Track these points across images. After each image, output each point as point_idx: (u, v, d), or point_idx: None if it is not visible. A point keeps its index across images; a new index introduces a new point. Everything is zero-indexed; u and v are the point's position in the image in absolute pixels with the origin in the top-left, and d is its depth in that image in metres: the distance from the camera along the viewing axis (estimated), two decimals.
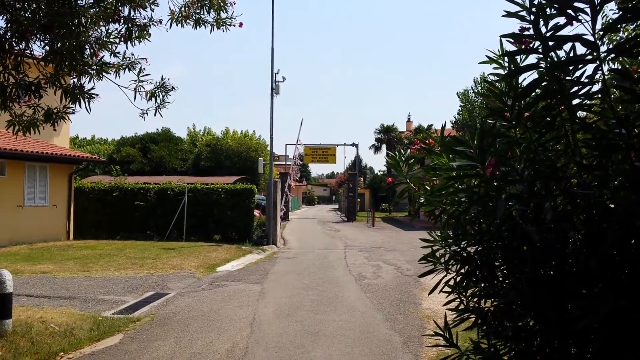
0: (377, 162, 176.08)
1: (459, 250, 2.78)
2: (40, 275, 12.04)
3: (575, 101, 2.29)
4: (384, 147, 53.81)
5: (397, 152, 3.12)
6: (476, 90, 35.47)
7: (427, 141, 2.96)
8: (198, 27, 6.21)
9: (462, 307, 2.85)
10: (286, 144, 54.45)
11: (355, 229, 30.18)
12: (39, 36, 5.44)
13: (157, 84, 5.93)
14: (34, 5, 5.33)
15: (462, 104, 36.64)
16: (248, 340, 7.03)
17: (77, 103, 5.60)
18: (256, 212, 23.01)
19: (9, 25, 5.39)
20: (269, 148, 23.11)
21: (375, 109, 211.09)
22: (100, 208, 21.55)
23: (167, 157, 42.86)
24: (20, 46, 5.57)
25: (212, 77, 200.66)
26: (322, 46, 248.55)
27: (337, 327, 7.82)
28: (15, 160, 17.41)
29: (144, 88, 5.88)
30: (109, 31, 5.67)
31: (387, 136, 53.27)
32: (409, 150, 3.30)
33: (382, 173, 63.08)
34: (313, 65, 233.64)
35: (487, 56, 2.79)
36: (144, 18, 5.83)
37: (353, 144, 43.24)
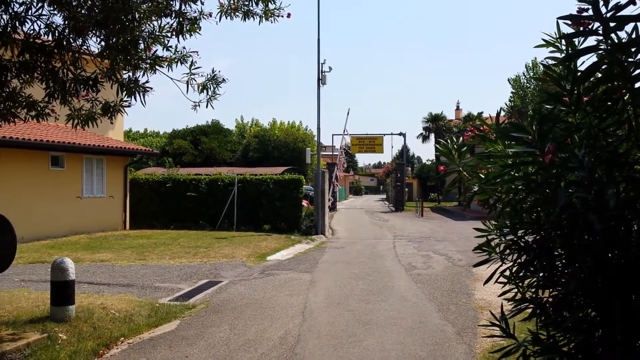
0: (425, 152, 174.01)
1: (515, 239, 2.72)
2: (99, 263, 12.55)
3: (638, 84, 2.19)
4: (432, 136, 53.02)
5: (448, 140, 3.07)
6: (528, 76, 34.38)
7: (481, 128, 2.89)
8: (247, 19, 6.28)
9: (518, 297, 2.79)
10: (333, 134, 54.59)
11: (404, 219, 29.96)
12: (95, 32, 5.64)
13: (208, 76, 6.05)
14: (90, 2, 5.52)
15: (513, 91, 35.61)
16: (300, 328, 7.13)
17: (133, 96, 5.78)
18: (304, 203, 23.17)
19: (66, 22, 5.61)
20: (316, 138, 23.22)
21: (423, 98, 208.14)
22: (154, 199, 22.22)
23: (217, 148, 43.72)
24: (78, 42, 5.78)
25: (259, 68, 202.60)
26: (368, 35, 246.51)
27: (388, 316, 7.80)
28: (73, 153, 18.16)
29: (195, 81, 6.00)
30: (161, 26, 5.81)
31: (435, 125, 52.43)
32: (461, 138, 3.25)
33: (430, 162, 62.26)
34: (359, 54, 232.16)
35: (543, 39, 2.70)
36: (195, 12, 5.94)
37: (400, 134, 42.80)
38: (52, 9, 5.47)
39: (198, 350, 6.23)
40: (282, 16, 6.34)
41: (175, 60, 6.04)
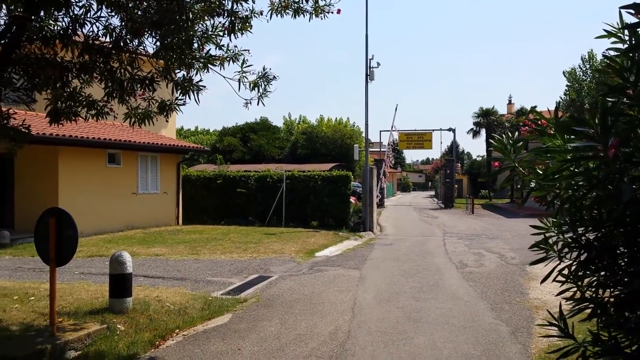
0: (475, 147, 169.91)
1: (575, 237, 2.64)
2: (154, 257, 12.95)
3: None
4: (482, 131, 51.77)
5: (503, 135, 3.00)
6: (584, 69, 33.12)
7: (539, 122, 2.81)
8: (297, 16, 6.32)
9: (577, 296, 2.71)
10: (380, 131, 54.08)
11: (454, 216, 29.48)
12: (150, 32, 5.81)
13: (260, 74, 6.13)
14: (146, 3, 5.69)
15: (568, 84, 34.40)
16: (350, 324, 7.14)
17: (187, 95, 5.94)
18: (352, 199, 23.16)
19: (123, 23, 5.81)
20: (363, 135, 23.12)
21: (473, 92, 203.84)
22: (205, 195, 22.73)
23: (265, 145, 44.23)
24: (134, 43, 5.98)
25: (306, 65, 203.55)
26: (417, 29, 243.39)
27: (439, 314, 7.72)
28: (129, 150, 18.79)
29: (247, 79, 6.10)
30: (214, 25, 5.93)
31: (486, 120, 51.18)
32: (516, 132, 3.17)
33: (480, 158, 60.97)
34: (407, 49, 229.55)
35: (604, 30, 2.60)
36: (246, 10, 6.03)
37: (450, 129, 42.06)
38: (109, 10, 5.67)
39: (250, 343, 6.34)
40: (332, 12, 6.35)
41: (227, 58, 6.15)
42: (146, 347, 6.13)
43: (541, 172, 2.77)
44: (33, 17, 5.32)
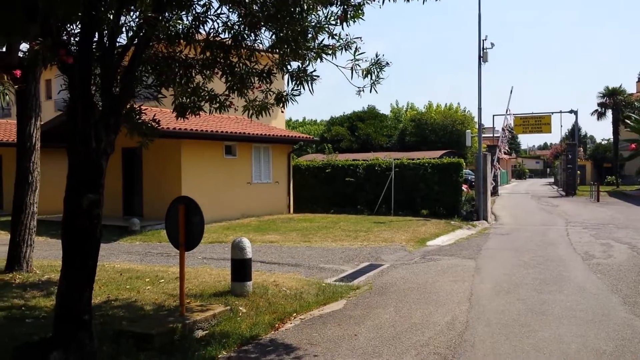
0: (600, 131, 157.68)
1: None
2: (268, 244, 13.46)
3: None
4: (608, 112, 47.65)
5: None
6: None
7: None
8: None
9: None
10: (493, 115, 51.66)
11: (577, 204, 27.57)
12: (267, 26, 5.97)
13: (372, 61, 6.07)
14: None
15: None
16: (468, 315, 6.93)
17: (302, 85, 6.04)
18: (464, 187, 22.45)
19: (241, 18, 6.02)
20: (475, 119, 22.31)
21: (596, 71, 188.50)
22: (315, 184, 23.18)
23: (373, 134, 44.20)
24: (251, 37, 6.19)
25: (413, 50, 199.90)
26: (532, 4, 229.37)
27: (565, 307, 7.25)
28: (244, 142, 19.62)
29: (359, 66, 6.06)
30: (327, 14, 5.96)
31: (612, 100, 47.04)
32: None
33: (606, 142, 56.36)
34: (523, 27, 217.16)
35: None
36: None
37: (571, 111, 39.19)
38: (229, 7, 5.90)
39: (366, 329, 6.38)
40: None
41: (340, 47, 6.14)
42: (267, 329, 6.39)
43: None
44: (159, 17, 5.68)
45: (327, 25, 5.91)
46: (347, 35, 6.12)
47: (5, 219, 15.20)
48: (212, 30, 6.10)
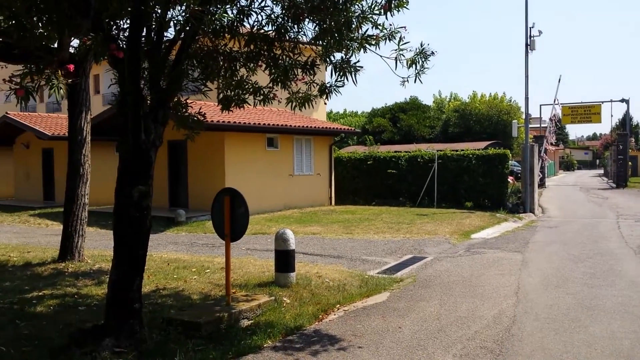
0: None
1: None
2: (310, 235, 13.52)
3: None
4: None
5: None
6: None
7: None
8: None
9: None
10: (540, 105, 50.04)
11: (628, 197, 26.56)
12: (311, 17, 5.96)
13: (417, 50, 5.98)
14: None
15: None
16: (515, 309, 6.78)
17: (345, 76, 6.01)
18: (509, 179, 21.94)
19: (284, 10, 6.03)
20: (522, 110, 21.74)
21: None
22: (356, 176, 23.13)
23: (415, 125, 43.68)
24: (295, 29, 6.19)
25: (457, 39, 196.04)
26: None
27: (617, 302, 7.01)
28: (285, 134, 19.74)
29: (404, 56, 5.98)
30: (371, 4, 5.89)
31: None
32: None
33: None
34: (572, 13, 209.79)
35: None
36: None
37: (622, 100, 37.69)
38: None
39: (410, 322, 6.33)
40: None
41: (383, 37, 6.08)
42: (311, 320, 6.42)
43: None
44: (205, 11, 5.75)
45: (370, 15, 5.85)
46: (390, 25, 6.05)
47: (57, 210, 15.84)
48: (256, 23, 6.13)
